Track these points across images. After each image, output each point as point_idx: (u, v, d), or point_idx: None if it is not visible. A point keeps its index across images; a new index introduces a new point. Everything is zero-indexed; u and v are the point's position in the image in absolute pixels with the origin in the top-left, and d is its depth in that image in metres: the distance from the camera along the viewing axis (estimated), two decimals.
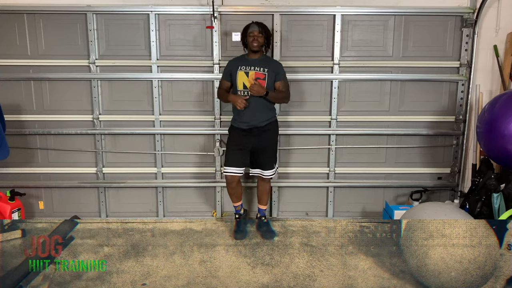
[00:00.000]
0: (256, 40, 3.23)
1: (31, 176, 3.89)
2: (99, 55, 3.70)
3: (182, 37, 3.69)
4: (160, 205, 3.93)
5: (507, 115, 2.80)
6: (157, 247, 3.34)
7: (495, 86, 3.74)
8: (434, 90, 3.77)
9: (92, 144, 3.84)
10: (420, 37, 3.68)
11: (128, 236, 3.55)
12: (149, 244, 3.41)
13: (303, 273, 2.93)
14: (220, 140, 3.80)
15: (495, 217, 2.95)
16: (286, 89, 3.34)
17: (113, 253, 3.21)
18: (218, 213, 3.96)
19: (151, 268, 3.02)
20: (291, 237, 3.55)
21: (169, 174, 3.91)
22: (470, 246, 2.46)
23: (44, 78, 3.71)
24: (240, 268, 3.01)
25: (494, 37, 3.67)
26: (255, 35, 3.23)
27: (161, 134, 3.82)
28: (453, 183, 3.90)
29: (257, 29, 3.24)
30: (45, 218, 3.92)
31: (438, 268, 2.50)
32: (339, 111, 3.79)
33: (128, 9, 3.62)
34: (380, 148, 3.87)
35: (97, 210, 3.94)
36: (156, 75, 3.72)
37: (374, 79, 3.75)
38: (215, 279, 2.85)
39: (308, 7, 3.63)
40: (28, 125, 3.79)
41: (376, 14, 3.65)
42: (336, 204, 3.95)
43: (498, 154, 2.93)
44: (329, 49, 3.71)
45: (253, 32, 3.24)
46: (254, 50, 3.26)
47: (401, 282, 2.82)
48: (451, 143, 3.86)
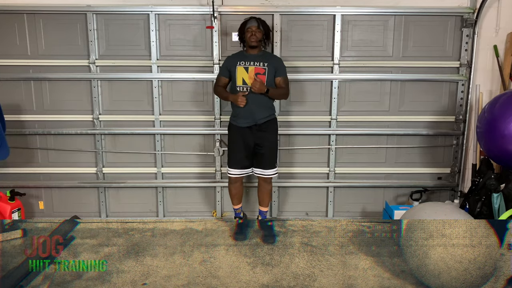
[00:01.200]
0: (254, 35, 3.17)
1: (31, 176, 3.89)
2: (99, 55, 3.70)
3: (182, 37, 3.69)
4: (160, 205, 3.93)
5: (507, 115, 2.80)
6: (157, 247, 3.35)
7: (495, 86, 3.74)
8: (434, 90, 3.77)
9: (92, 144, 3.84)
10: (420, 37, 3.69)
11: (128, 236, 3.56)
12: (149, 244, 3.41)
13: (303, 273, 2.93)
14: (220, 140, 3.80)
15: (495, 217, 2.95)
16: (286, 85, 3.30)
17: (113, 253, 3.22)
18: (218, 213, 3.96)
19: (151, 268, 3.02)
20: (291, 237, 3.56)
21: (169, 174, 3.91)
22: (470, 246, 2.46)
23: (44, 78, 3.71)
24: (240, 268, 3.01)
25: (494, 37, 3.67)
26: (253, 30, 3.17)
27: (161, 134, 3.82)
28: (453, 183, 3.90)
29: (255, 24, 3.19)
30: (45, 218, 3.92)
31: (438, 268, 2.50)
32: (339, 111, 3.79)
33: (128, 9, 3.62)
34: (380, 148, 3.87)
35: (97, 210, 3.94)
36: (156, 75, 3.72)
37: (374, 79, 3.75)
38: (215, 279, 2.85)
39: (308, 7, 3.63)
40: (28, 125, 3.79)
41: (376, 14, 3.65)
42: (336, 204, 3.95)
43: (498, 154, 2.93)
44: (329, 49, 3.71)
45: (251, 28, 3.18)
46: (252, 45, 3.20)
47: (401, 282, 2.82)
48: (451, 143, 3.87)
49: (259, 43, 3.22)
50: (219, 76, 3.36)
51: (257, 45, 3.22)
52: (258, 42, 3.21)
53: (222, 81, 3.34)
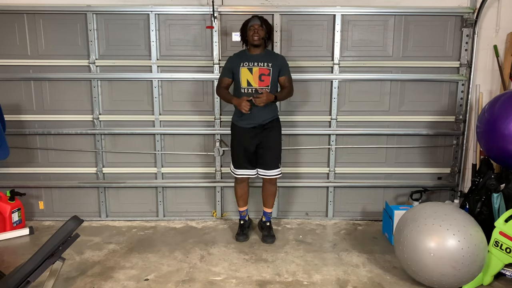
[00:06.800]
0: (257, 33, 3.13)
1: (31, 176, 3.89)
2: (99, 55, 3.70)
3: (182, 37, 3.69)
4: (160, 205, 3.93)
5: (507, 115, 2.79)
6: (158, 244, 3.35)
7: (495, 86, 3.74)
8: (434, 90, 3.77)
9: (92, 144, 3.84)
10: (420, 37, 3.69)
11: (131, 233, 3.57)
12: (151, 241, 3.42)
13: (299, 269, 2.95)
14: (220, 140, 3.80)
15: (495, 217, 2.94)
16: (290, 83, 3.28)
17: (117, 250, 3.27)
18: (218, 213, 3.96)
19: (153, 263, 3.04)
20: (287, 235, 3.57)
21: (169, 174, 3.91)
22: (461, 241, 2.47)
23: (44, 78, 3.71)
24: (238, 264, 3.03)
25: (494, 37, 3.67)
26: (255, 28, 3.14)
27: (161, 134, 3.82)
28: (453, 183, 3.90)
29: (258, 22, 3.15)
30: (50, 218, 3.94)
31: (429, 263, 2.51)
32: (339, 111, 3.79)
33: (128, 9, 3.62)
34: (380, 148, 3.87)
35: (97, 210, 3.94)
36: (156, 75, 3.72)
37: (374, 79, 3.75)
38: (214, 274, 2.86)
39: (308, 7, 3.63)
40: (28, 125, 3.80)
41: (376, 14, 3.65)
42: (336, 204, 3.95)
43: (498, 154, 2.93)
44: (329, 49, 3.71)
45: (253, 26, 3.15)
46: (255, 44, 3.17)
47: (394, 278, 2.84)
48: (451, 143, 3.86)
49: (261, 41, 3.18)
50: (221, 77, 3.31)
51: (259, 43, 3.18)
52: (261, 40, 3.17)
53: (225, 82, 3.29)
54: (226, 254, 3.22)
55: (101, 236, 3.55)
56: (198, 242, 3.43)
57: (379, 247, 3.33)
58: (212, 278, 2.83)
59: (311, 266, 3.00)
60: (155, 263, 3.05)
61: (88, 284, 2.74)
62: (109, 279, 2.81)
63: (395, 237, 2.83)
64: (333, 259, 3.12)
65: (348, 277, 2.84)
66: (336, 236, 3.57)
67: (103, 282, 2.77)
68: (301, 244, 3.40)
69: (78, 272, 2.90)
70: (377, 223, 3.85)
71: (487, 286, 2.72)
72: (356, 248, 3.31)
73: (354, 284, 2.76)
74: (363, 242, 3.44)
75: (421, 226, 2.58)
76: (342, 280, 2.80)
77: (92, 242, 3.43)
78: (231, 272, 2.90)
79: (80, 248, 3.28)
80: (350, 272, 2.92)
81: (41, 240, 3.40)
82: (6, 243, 3.40)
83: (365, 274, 2.90)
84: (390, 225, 3.35)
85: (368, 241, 3.46)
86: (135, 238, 3.52)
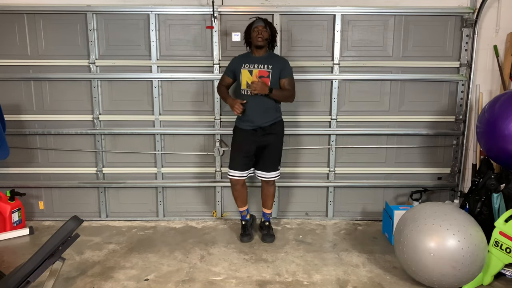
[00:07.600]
0: (260, 34, 3.14)
1: (31, 176, 3.89)
2: (99, 55, 3.71)
3: (182, 37, 3.69)
4: (160, 205, 3.93)
5: (507, 115, 2.79)
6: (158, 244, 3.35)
7: (495, 86, 3.74)
8: (434, 90, 3.77)
9: (92, 144, 3.84)
10: (420, 37, 3.69)
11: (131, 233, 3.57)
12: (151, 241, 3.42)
13: (299, 269, 2.95)
14: (220, 140, 3.80)
15: (495, 217, 2.95)
16: (291, 87, 3.25)
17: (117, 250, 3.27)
18: (218, 213, 3.96)
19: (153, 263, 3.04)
20: (287, 235, 3.57)
21: (169, 174, 3.91)
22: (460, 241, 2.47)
23: (44, 78, 3.72)
24: (238, 264, 3.03)
25: (494, 37, 3.67)
26: (259, 30, 3.15)
27: (161, 134, 3.82)
28: (453, 183, 3.90)
29: (262, 23, 3.17)
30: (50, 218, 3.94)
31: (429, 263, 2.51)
32: (339, 111, 3.79)
33: (128, 9, 3.62)
34: (380, 148, 3.87)
35: (97, 210, 3.94)
36: (156, 75, 3.72)
37: (374, 79, 3.75)
38: (214, 274, 2.86)
39: (308, 7, 3.63)
40: (28, 125, 3.80)
41: (376, 14, 3.65)
42: (336, 204, 3.95)
43: (498, 154, 2.93)
44: (329, 49, 3.71)
45: (257, 27, 3.16)
46: (258, 45, 3.17)
47: (394, 278, 2.84)
48: (451, 143, 3.86)
49: (265, 42, 3.19)
50: (223, 75, 3.38)
51: (263, 44, 3.18)
52: (264, 41, 3.18)
53: (226, 80, 3.36)
54: (226, 254, 3.22)
55: (101, 236, 3.55)
56: (198, 242, 3.43)
57: (379, 247, 3.33)
58: (212, 278, 2.83)
59: (311, 266, 3.00)
60: (155, 263, 3.05)
61: (88, 284, 2.74)
62: (109, 279, 2.81)
63: (395, 237, 2.83)
64: (333, 259, 3.13)
65: (348, 277, 2.85)
66: (336, 236, 3.57)
67: (103, 282, 2.77)
68: (301, 244, 3.40)
69: (78, 272, 2.90)
70: (377, 223, 3.86)
71: (487, 286, 2.72)
72: (356, 248, 3.32)
73: (354, 284, 2.76)
74: (363, 242, 3.44)
75: (421, 226, 2.58)
76: (342, 280, 2.80)
77: (92, 242, 3.43)
78: (231, 272, 2.91)
79: (80, 248, 3.28)
80: (350, 272, 2.92)
81: (41, 240, 3.40)
82: (6, 243, 3.40)
83: (365, 274, 2.90)
84: (390, 225, 3.35)
85: (368, 241, 3.46)
86: (135, 238, 3.52)
